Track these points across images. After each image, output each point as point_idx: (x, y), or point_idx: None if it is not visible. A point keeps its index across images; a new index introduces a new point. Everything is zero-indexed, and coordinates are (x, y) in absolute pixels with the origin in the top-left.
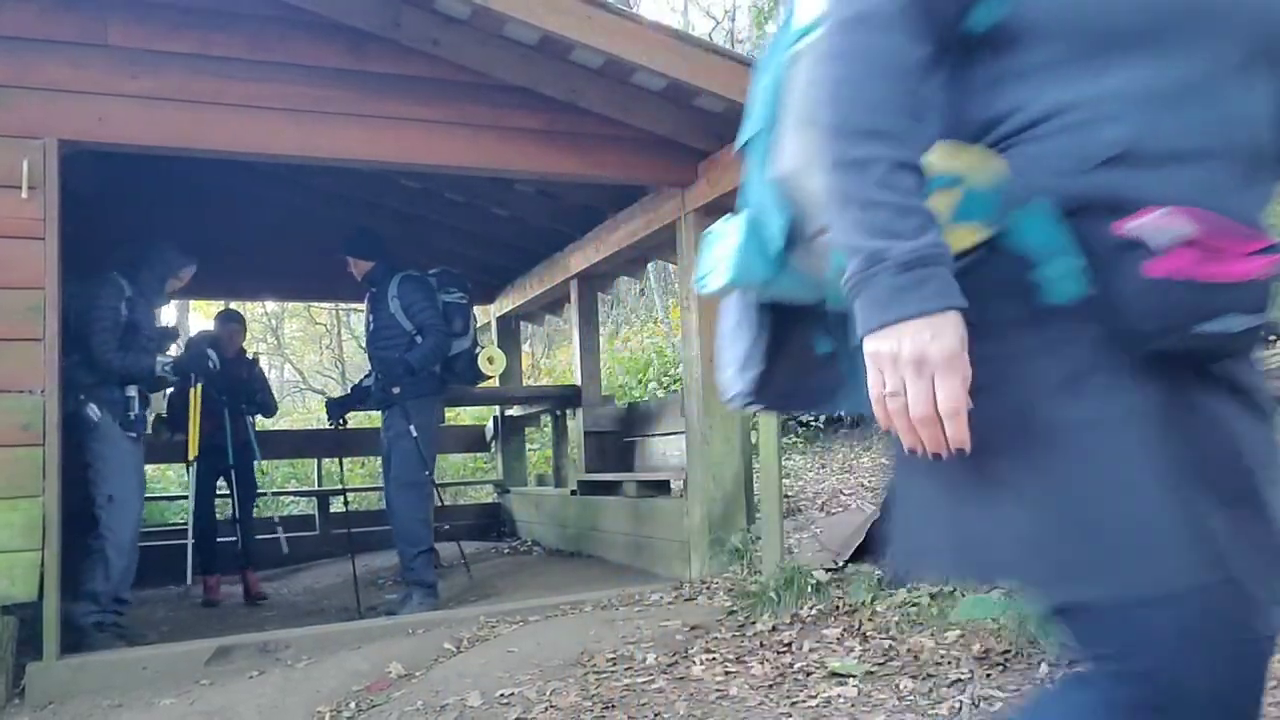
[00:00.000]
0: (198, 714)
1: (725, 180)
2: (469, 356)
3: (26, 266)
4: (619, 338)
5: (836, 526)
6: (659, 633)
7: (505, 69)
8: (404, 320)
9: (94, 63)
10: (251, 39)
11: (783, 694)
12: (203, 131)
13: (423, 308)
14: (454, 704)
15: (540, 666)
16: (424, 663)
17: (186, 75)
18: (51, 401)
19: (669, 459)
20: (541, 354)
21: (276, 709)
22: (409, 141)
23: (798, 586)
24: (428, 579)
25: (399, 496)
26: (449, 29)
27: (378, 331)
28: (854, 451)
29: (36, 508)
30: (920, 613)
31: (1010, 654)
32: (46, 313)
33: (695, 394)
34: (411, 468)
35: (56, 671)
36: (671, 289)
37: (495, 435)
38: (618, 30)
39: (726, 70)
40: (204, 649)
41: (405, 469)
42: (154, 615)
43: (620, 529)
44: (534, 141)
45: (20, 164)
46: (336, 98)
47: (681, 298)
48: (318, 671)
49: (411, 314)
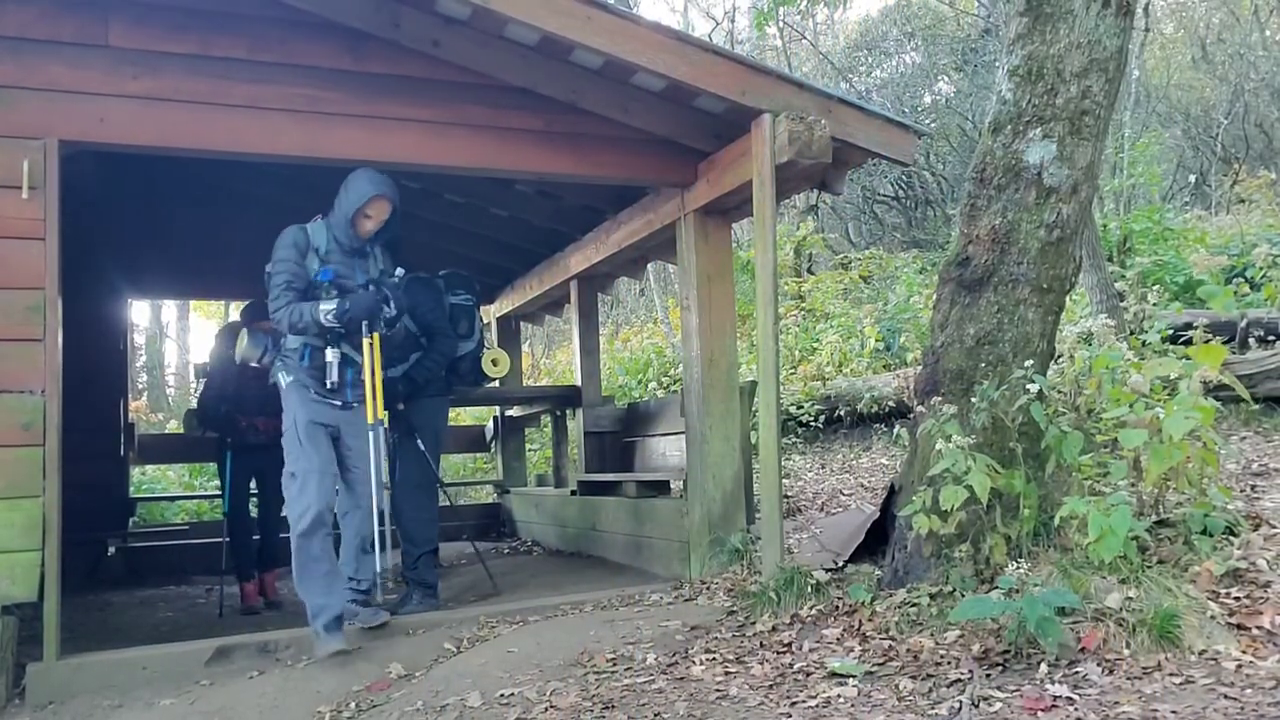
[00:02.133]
0: (198, 714)
1: (725, 180)
2: (474, 359)
3: (26, 266)
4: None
5: (836, 526)
6: (659, 633)
7: (505, 69)
8: (410, 322)
9: (94, 63)
10: (252, 40)
11: (783, 694)
12: (203, 132)
13: (429, 310)
14: (454, 704)
15: (540, 666)
16: (424, 663)
17: (187, 76)
18: (52, 402)
19: (669, 459)
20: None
21: (276, 709)
22: (409, 141)
23: (798, 586)
24: (429, 579)
25: (407, 498)
26: (449, 30)
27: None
28: (854, 451)
29: (37, 508)
30: (920, 613)
31: (1010, 654)
32: (46, 313)
33: (695, 394)
34: (419, 469)
35: (56, 671)
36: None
37: (495, 435)
38: (618, 31)
39: (727, 71)
40: (204, 649)
41: (413, 471)
42: (154, 615)
43: (620, 529)
44: (534, 142)
45: (20, 164)
46: (336, 98)
47: (681, 298)
48: (318, 671)
49: (418, 316)
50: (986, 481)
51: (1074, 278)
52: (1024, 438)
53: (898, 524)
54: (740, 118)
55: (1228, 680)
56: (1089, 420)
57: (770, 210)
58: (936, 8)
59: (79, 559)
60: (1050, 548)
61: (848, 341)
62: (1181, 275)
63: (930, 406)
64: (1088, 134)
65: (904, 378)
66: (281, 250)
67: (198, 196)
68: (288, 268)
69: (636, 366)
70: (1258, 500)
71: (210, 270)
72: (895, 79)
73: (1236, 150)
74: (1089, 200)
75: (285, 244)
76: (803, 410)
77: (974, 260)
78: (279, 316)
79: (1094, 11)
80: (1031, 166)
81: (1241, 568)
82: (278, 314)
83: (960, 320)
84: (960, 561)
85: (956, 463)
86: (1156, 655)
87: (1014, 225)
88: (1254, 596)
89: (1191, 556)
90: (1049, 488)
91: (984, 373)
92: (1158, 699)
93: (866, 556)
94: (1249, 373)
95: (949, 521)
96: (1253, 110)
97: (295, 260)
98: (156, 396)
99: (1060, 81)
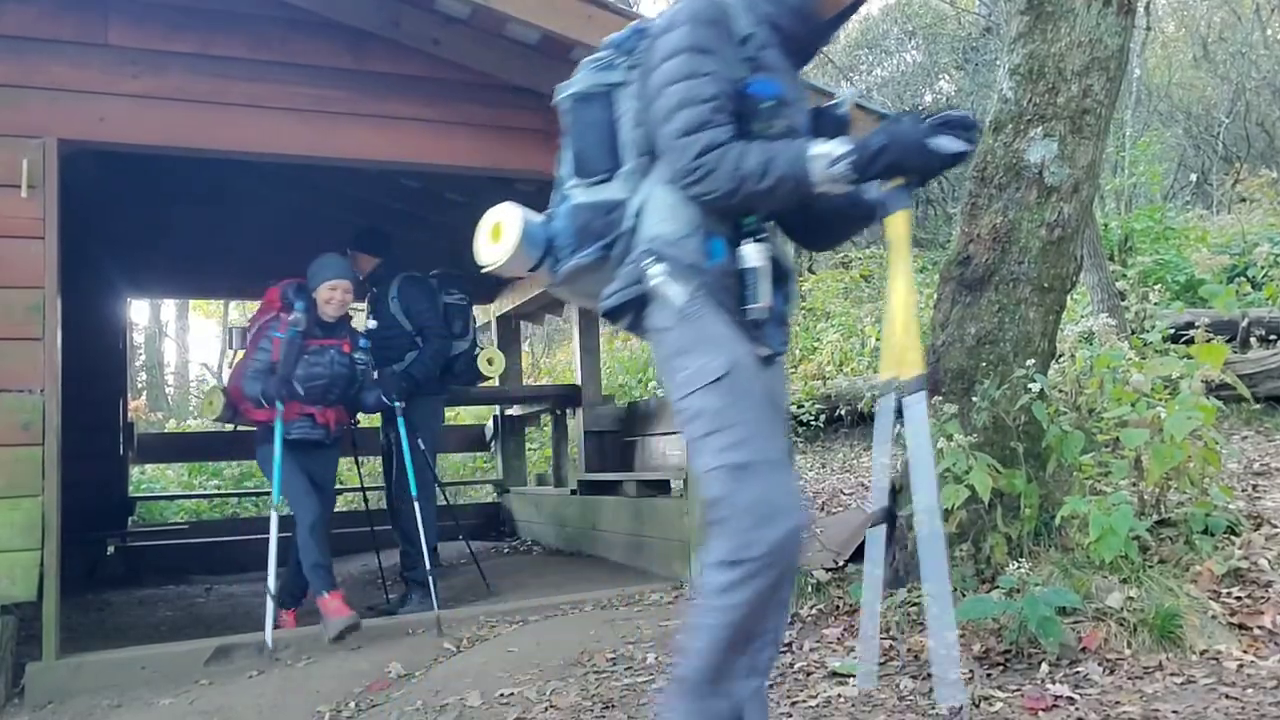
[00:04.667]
0: (197, 714)
1: None
2: (468, 358)
3: (26, 266)
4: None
5: (836, 526)
6: (659, 632)
7: (506, 69)
8: (404, 321)
9: (94, 62)
10: (252, 39)
11: (783, 694)
12: (203, 131)
13: (423, 309)
14: (454, 704)
15: (540, 666)
16: (424, 663)
17: (187, 75)
18: (51, 401)
19: (669, 459)
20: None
21: (276, 709)
22: (409, 141)
23: (798, 586)
24: (422, 577)
25: (406, 498)
26: (449, 29)
27: (378, 332)
28: (854, 451)
29: (36, 507)
30: (920, 613)
31: (1011, 653)
32: (46, 312)
33: None
34: (417, 469)
35: (56, 671)
36: None
37: (495, 435)
38: (618, 30)
39: None
40: (204, 649)
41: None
42: (154, 615)
43: (620, 529)
44: (534, 141)
45: (20, 164)
46: (337, 98)
47: None
48: (318, 671)
49: (412, 315)
50: (987, 481)
51: (1075, 277)
52: (1025, 437)
53: (898, 524)
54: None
55: (1229, 680)
56: (1090, 420)
57: None
58: (937, 6)
59: (78, 558)
60: (1051, 547)
61: (848, 340)
62: (1183, 274)
63: (931, 406)
64: (1089, 133)
65: None
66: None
67: (198, 196)
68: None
69: (636, 366)
70: (1259, 500)
71: (210, 269)
72: (896, 77)
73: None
74: (1090, 199)
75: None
76: (803, 409)
77: (975, 259)
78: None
79: (1095, 10)
80: (1033, 165)
81: (1243, 567)
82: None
83: (961, 319)
84: (961, 561)
85: (957, 462)
86: (1158, 655)
87: (1015, 224)
88: (1255, 596)
89: (1193, 556)
90: (1050, 487)
91: (985, 372)
92: (1159, 699)
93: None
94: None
95: (950, 521)
96: (1254, 109)
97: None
98: (156, 396)
99: (1061, 80)
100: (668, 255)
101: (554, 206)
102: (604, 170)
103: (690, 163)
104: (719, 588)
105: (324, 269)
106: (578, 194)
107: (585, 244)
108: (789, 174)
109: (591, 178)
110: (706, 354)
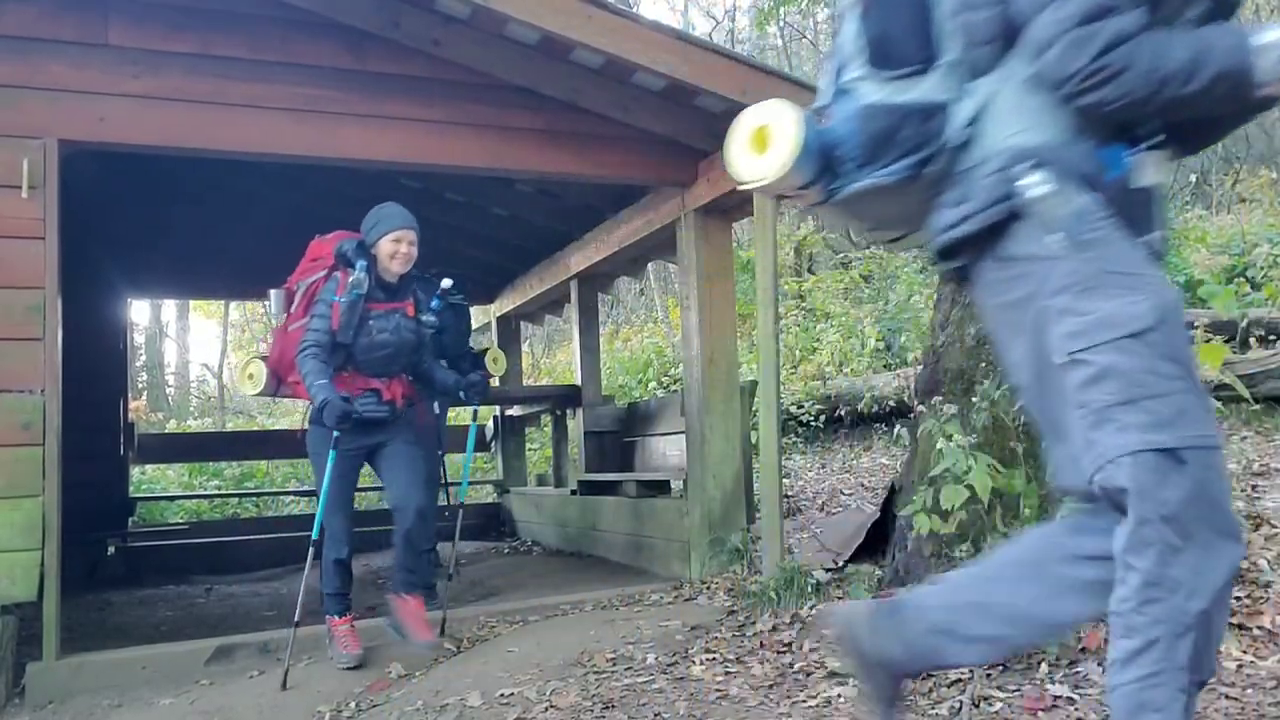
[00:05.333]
0: (197, 714)
1: (725, 180)
2: (472, 358)
3: (26, 266)
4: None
5: (836, 526)
6: (659, 633)
7: (506, 69)
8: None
9: (94, 63)
10: (252, 39)
11: (783, 694)
12: (203, 131)
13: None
14: (454, 704)
15: (540, 666)
16: (424, 663)
17: (187, 75)
18: (52, 401)
19: (669, 459)
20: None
21: (276, 709)
22: (409, 141)
23: (798, 586)
24: (428, 579)
25: None
26: (449, 29)
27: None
28: (854, 451)
29: (37, 507)
30: None
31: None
32: (46, 313)
33: (695, 393)
34: None
35: (56, 671)
36: (671, 288)
37: (495, 435)
38: (618, 30)
39: (727, 71)
40: (204, 649)
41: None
42: (155, 615)
43: (620, 529)
44: (534, 141)
45: (20, 164)
46: (337, 98)
47: (681, 297)
48: (318, 671)
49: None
50: (987, 481)
51: None
52: (1025, 437)
53: (898, 524)
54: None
55: (1228, 680)
56: None
57: (771, 210)
58: None
59: (79, 559)
60: None
61: (848, 341)
62: (1182, 274)
63: (931, 406)
64: None
65: (904, 377)
66: None
67: (198, 196)
68: None
69: (636, 366)
70: (1258, 500)
71: (209, 270)
72: None
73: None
74: None
75: None
76: (803, 410)
77: None
78: None
79: None
80: None
81: (1242, 568)
82: None
83: (961, 320)
84: (961, 561)
85: (957, 462)
86: None
87: None
88: (1255, 596)
89: None
90: (1050, 487)
91: (985, 372)
92: None
93: (867, 556)
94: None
95: (949, 521)
96: None
97: None
98: (156, 396)
99: None
100: (1053, 161)
101: (828, 101)
102: (917, 62)
103: (1090, 63)
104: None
105: (387, 219)
106: (871, 91)
107: (885, 156)
108: (1226, 71)
109: (896, 70)
110: (1122, 294)
